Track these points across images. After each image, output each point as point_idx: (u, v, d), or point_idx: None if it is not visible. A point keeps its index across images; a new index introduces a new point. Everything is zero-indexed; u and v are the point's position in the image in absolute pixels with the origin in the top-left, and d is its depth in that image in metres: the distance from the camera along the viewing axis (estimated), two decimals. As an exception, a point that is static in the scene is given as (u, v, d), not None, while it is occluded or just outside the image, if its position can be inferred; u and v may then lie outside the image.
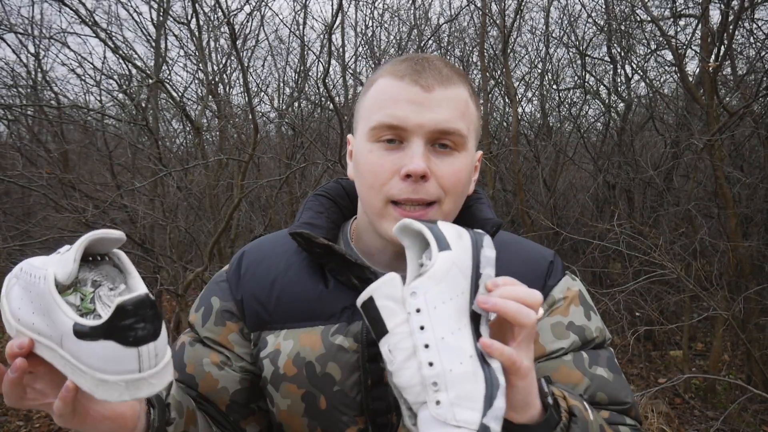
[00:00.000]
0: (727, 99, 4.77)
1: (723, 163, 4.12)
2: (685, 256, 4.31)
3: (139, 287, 0.70)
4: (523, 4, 5.10)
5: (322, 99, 5.69)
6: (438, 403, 0.65)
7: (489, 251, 0.75)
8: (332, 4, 7.76)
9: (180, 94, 5.84)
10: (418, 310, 0.68)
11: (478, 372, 0.67)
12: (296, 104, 6.04)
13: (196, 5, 4.77)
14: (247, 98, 4.33)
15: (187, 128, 6.04)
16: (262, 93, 6.35)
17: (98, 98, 7.87)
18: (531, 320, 0.68)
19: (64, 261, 0.68)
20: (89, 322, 0.64)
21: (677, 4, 4.91)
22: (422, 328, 0.67)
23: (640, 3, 4.64)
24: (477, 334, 0.70)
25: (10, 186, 5.45)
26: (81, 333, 0.63)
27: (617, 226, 3.86)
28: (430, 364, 0.66)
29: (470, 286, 0.71)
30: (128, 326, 0.63)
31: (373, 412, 0.89)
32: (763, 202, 4.47)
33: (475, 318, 0.70)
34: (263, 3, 5.49)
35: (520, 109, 5.89)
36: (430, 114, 0.85)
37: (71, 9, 4.31)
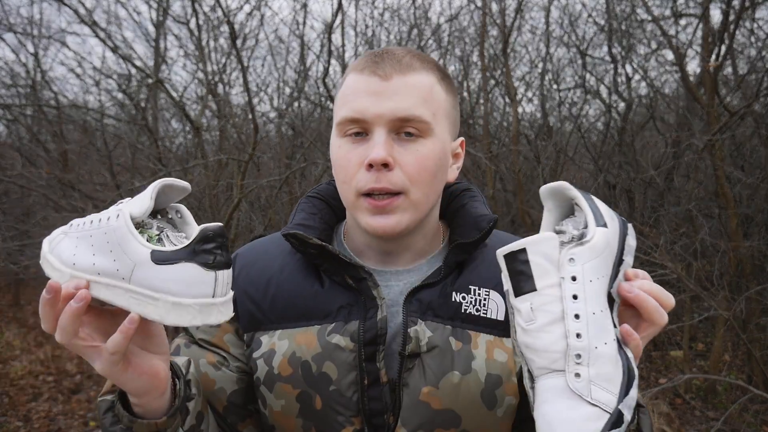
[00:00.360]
0: (728, 99, 4.76)
1: (724, 162, 4.11)
2: (686, 256, 4.29)
3: None
4: (523, 3, 5.09)
5: (322, 99, 5.68)
6: (578, 375, 0.64)
7: (632, 240, 0.74)
8: (332, 4, 7.75)
9: (179, 93, 5.84)
10: (573, 278, 0.66)
11: (618, 357, 0.66)
12: (296, 104, 6.03)
13: (196, 5, 4.76)
14: (247, 98, 4.33)
15: (187, 128, 6.03)
16: (262, 93, 6.34)
17: (97, 98, 7.87)
18: (664, 321, 0.69)
19: (138, 199, 0.70)
20: (168, 248, 0.67)
21: (678, 3, 4.90)
22: (575, 297, 0.66)
23: (640, 2, 4.63)
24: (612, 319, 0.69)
25: (9, 186, 5.45)
26: (160, 258, 0.66)
27: (618, 226, 3.84)
28: (578, 336, 0.65)
29: (612, 270, 0.70)
30: (209, 250, 0.66)
31: (370, 412, 0.88)
32: (764, 201, 4.46)
33: (610, 302, 0.69)
34: (263, 2, 5.48)
35: (520, 109, 5.88)
36: (388, 103, 0.85)
37: (70, 8, 4.31)
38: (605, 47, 5.65)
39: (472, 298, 0.91)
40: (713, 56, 4.23)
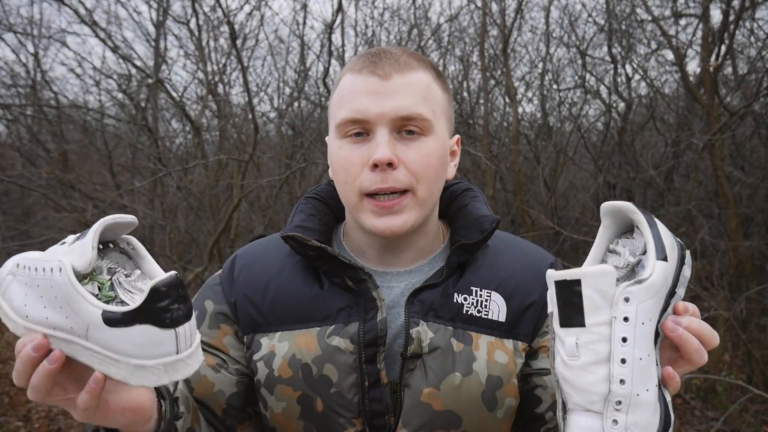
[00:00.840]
0: (728, 99, 4.76)
1: (724, 162, 4.11)
2: (686, 256, 4.29)
3: (156, 271, 0.70)
4: (524, 3, 5.09)
5: (322, 99, 5.68)
6: (615, 422, 0.64)
7: (687, 270, 0.71)
8: (332, 4, 7.75)
9: (180, 93, 5.83)
10: (625, 319, 0.64)
11: (658, 403, 0.65)
12: (296, 104, 6.02)
13: (196, 5, 4.76)
14: (247, 98, 4.33)
15: (187, 128, 6.03)
16: (262, 93, 6.33)
17: (98, 98, 7.87)
18: (703, 362, 0.68)
19: (79, 249, 0.65)
20: (119, 308, 0.63)
21: (678, 3, 4.90)
22: (624, 340, 0.64)
23: (640, 2, 4.63)
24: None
25: (9, 186, 5.44)
26: (112, 320, 0.62)
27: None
28: (622, 382, 0.63)
29: (663, 303, 0.68)
30: (164, 308, 0.62)
31: (371, 413, 0.88)
32: (764, 201, 4.46)
33: (655, 337, 0.67)
34: (263, 2, 5.48)
35: (520, 109, 5.88)
36: (389, 102, 0.85)
37: (70, 8, 4.31)
38: (605, 47, 5.65)
39: (473, 299, 0.91)
40: (713, 56, 4.23)
